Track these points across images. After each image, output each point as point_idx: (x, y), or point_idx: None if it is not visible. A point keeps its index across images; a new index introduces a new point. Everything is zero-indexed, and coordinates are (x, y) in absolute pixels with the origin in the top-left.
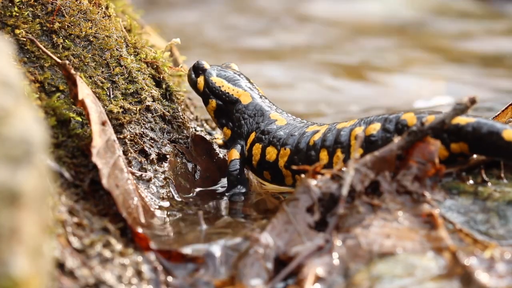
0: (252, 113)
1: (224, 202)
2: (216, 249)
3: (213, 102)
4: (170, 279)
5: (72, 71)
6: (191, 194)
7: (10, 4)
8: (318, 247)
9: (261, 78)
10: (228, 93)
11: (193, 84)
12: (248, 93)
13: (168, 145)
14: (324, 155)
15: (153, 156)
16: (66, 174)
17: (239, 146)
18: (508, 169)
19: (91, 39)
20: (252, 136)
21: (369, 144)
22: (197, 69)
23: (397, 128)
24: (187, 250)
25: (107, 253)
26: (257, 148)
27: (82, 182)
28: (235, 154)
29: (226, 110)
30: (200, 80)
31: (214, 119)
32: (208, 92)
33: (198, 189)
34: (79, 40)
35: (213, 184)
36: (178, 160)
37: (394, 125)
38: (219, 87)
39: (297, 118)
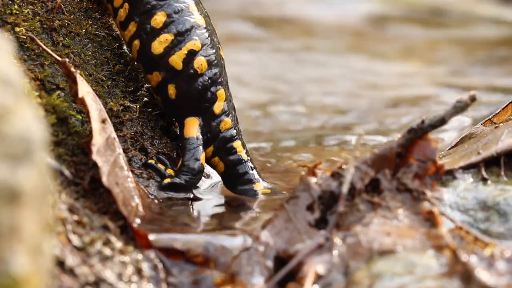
0: None
1: (224, 200)
2: (217, 246)
3: None
4: (170, 277)
5: (72, 69)
6: (192, 191)
7: (10, 2)
8: (318, 245)
9: None
10: None
11: None
12: None
13: (168, 143)
14: None
15: (154, 154)
16: (66, 172)
17: None
18: (508, 167)
19: (91, 37)
20: None
21: None
22: None
23: None
24: (187, 248)
25: (107, 251)
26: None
27: (82, 180)
28: None
29: None
30: None
31: None
32: None
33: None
34: (79, 38)
35: (214, 182)
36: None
37: None
38: None
39: None
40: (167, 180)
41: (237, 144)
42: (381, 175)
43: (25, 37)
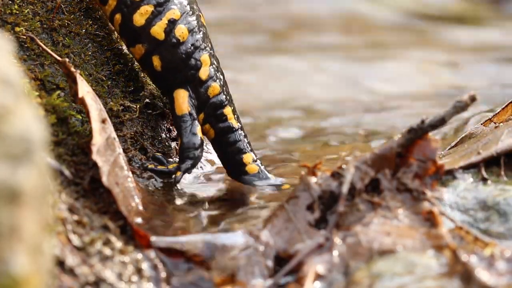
0: None
1: (225, 199)
2: (217, 246)
3: None
4: (170, 276)
5: (72, 69)
6: (192, 191)
7: (10, 1)
8: (318, 245)
9: None
10: None
11: None
12: None
13: (168, 142)
14: None
15: (153, 154)
16: (66, 172)
17: None
18: (508, 167)
19: (91, 37)
20: None
21: None
22: None
23: None
24: (187, 248)
25: (107, 251)
26: None
27: (82, 180)
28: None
29: None
30: None
31: None
32: None
33: (198, 186)
34: (79, 37)
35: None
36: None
37: None
38: None
39: None
40: (178, 173)
41: (227, 110)
42: (381, 175)
43: (25, 37)
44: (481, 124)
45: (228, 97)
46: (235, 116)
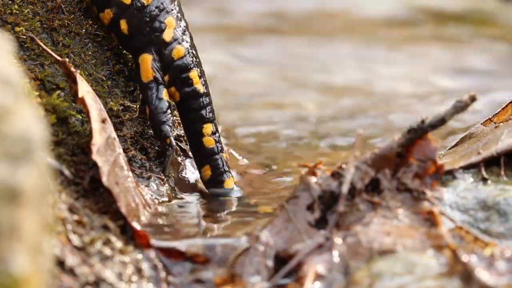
0: None
1: (224, 199)
2: (216, 246)
3: None
4: (170, 276)
5: (72, 69)
6: (191, 191)
7: (10, 1)
8: (318, 245)
9: None
10: None
11: None
12: None
13: None
14: None
15: (153, 154)
16: (66, 172)
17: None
18: (508, 166)
19: (91, 37)
20: None
21: None
22: None
23: None
24: (187, 248)
25: (107, 251)
26: None
27: (82, 180)
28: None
29: None
30: None
31: None
32: None
33: (198, 186)
34: (79, 37)
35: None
36: (179, 158)
37: None
38: None
39: None
40: (168, 141)
41: (193, 74)
42: (381, 175)
43: (25, 37)
44: (481, 124)
45: (194, 61)
46: (202, 81)
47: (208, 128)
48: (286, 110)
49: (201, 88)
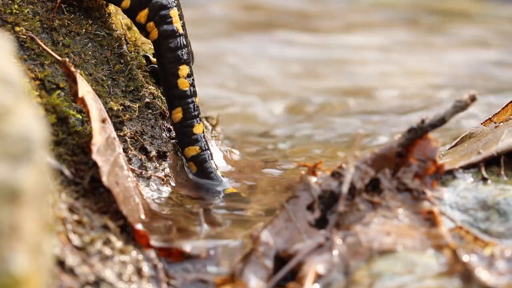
0: None
1: (225, 199)
2: (216, 246)
3: None
4: (170, 277)
5: (72, 69)
6: (192, 191)
7: (10, 1)
8: (318, 244)
9: None
10: None
11: None
12: None
13: (168, 142)
14: None
15: (154, 153)
16: (66, 172)
17: None
18: (508, 166)
19: (91, 37)
20: None
21: None
22: None
23: None
24: (187, 248)
25: (107, 251)
26: None
27: (82, 179)
28: None
29: None
30: None
31: None
32: None
33: (198, 187)
34: (79, 37)
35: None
36: (179, 158)
37: None
38: None
39: None
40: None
41: (173, 13)
42: (381, 174)
43: (25, 36)
44: (481, 123)
45: (175, 1)
46: (181, 22)
47: (184, 69)
48: (287, 107)
49: (180, 28)
